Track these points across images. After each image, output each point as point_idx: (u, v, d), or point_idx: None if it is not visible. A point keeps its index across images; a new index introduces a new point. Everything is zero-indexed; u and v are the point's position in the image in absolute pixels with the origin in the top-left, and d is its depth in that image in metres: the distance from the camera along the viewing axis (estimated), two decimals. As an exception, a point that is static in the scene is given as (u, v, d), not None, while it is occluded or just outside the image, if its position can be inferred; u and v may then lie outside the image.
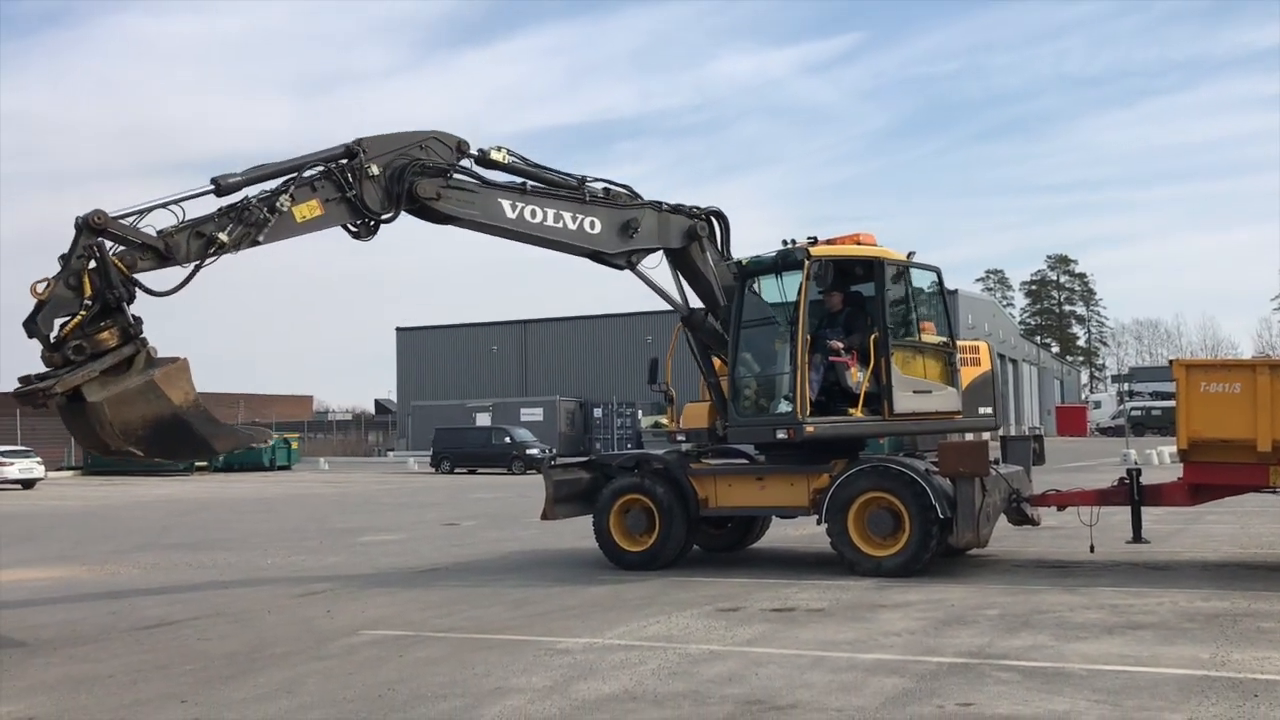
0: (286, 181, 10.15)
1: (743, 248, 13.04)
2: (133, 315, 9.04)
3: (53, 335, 8.79)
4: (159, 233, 9.35)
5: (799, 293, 11.64)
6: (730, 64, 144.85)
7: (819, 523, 11.69)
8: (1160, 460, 32.74)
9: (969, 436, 13.37)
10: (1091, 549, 12.03)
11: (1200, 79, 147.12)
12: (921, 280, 12.63)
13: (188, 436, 8.89)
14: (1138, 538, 11.85)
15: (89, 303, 8.85)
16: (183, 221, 9.56)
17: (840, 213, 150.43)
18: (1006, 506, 11.99)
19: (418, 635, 9.00)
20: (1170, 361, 11.94)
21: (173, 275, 9.51)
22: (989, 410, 13.10)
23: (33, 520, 24.04)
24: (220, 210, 9.80)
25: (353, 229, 10.69)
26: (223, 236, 9.66)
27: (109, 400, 8.65)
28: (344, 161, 10.49)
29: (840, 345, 11.85)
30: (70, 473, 50.07)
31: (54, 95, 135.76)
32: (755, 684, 6.95)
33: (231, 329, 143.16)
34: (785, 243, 12.25)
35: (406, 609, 10.42)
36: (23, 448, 42.18)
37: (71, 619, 10.44)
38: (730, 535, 14.03)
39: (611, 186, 12.14)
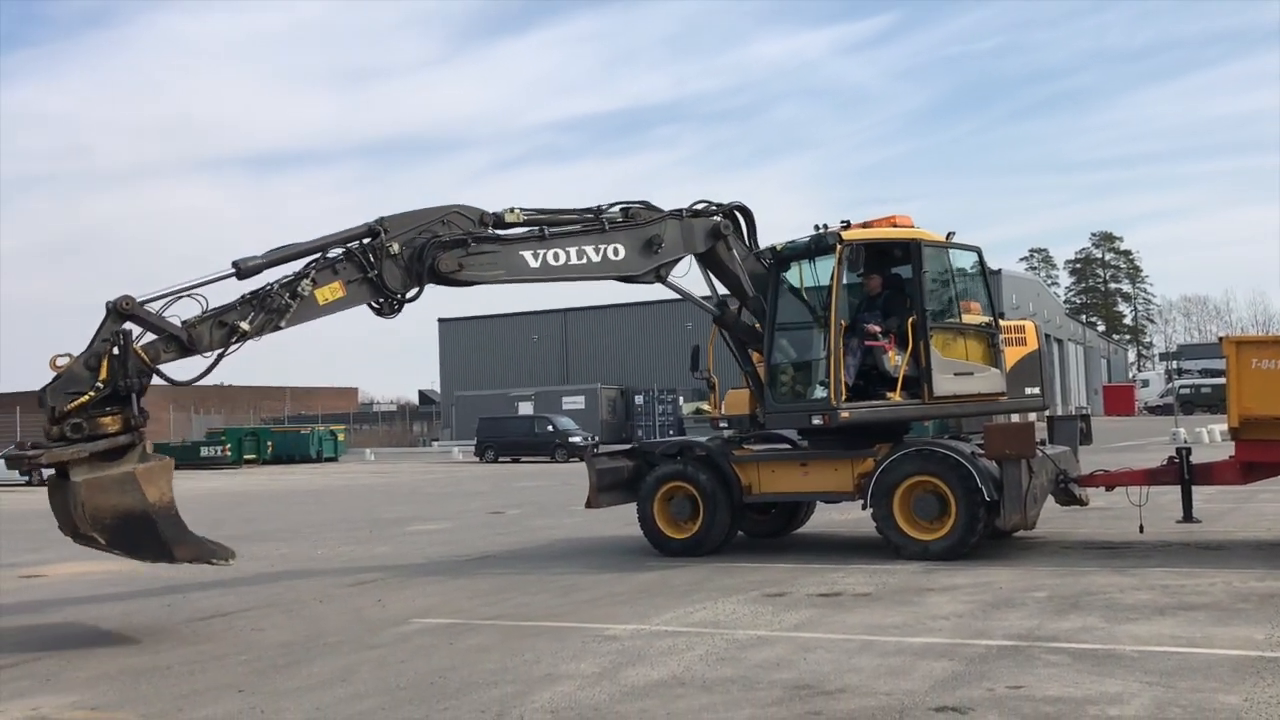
0: (308, 265, 10.19)
1: (782, 233, 13.04)
2: (140, 408, 9.17)
3: (62, 423, 8.89)
4: (183, 323, 9.46)
5: (832, 277, 11.59)
6: (766, 47, 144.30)
7: (864, 508, 11.67)
8: (1211, 438, 32.26)
9: (1016, 418, 13.26)
10: (1141, 529, 11.91)
11: (1246, 50, 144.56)
12: (962, 261, 12.52)
13: (152, 537, 8.80)
14: (1188, 517, 11.72)
15: (100, 385, 8.97)
16: (206, 311, 9.64)
17: (880, 195, 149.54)
18: (1054, 487, 11.89)
19: (467, 623, 9.11)
20: (1220, 338, 11.78)
21: (194, 361, 9.68)
22: (1036, 390, 12.95)
23: (88, 515, 24.44)
24: (242, 298, 9.86)
25: (375, 306, 10.68)
26: (245, 325, 9.72)
27: (88, 483, 8.72)
28: (365, 241, 10.51)
29: (878, 329, 11.79)
30: (122, 468, 50.86)
31: (96, 95, 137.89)
32: (803, 669, 6.97)
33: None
34: (817, 227, 12.19)
35: (455, 597, 10.54)
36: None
37: (129, 611, 10.66)
38: (775, 521, 14.03)
39: (630, 206, 12.08)
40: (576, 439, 43.02)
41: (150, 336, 9.36)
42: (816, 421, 11.68)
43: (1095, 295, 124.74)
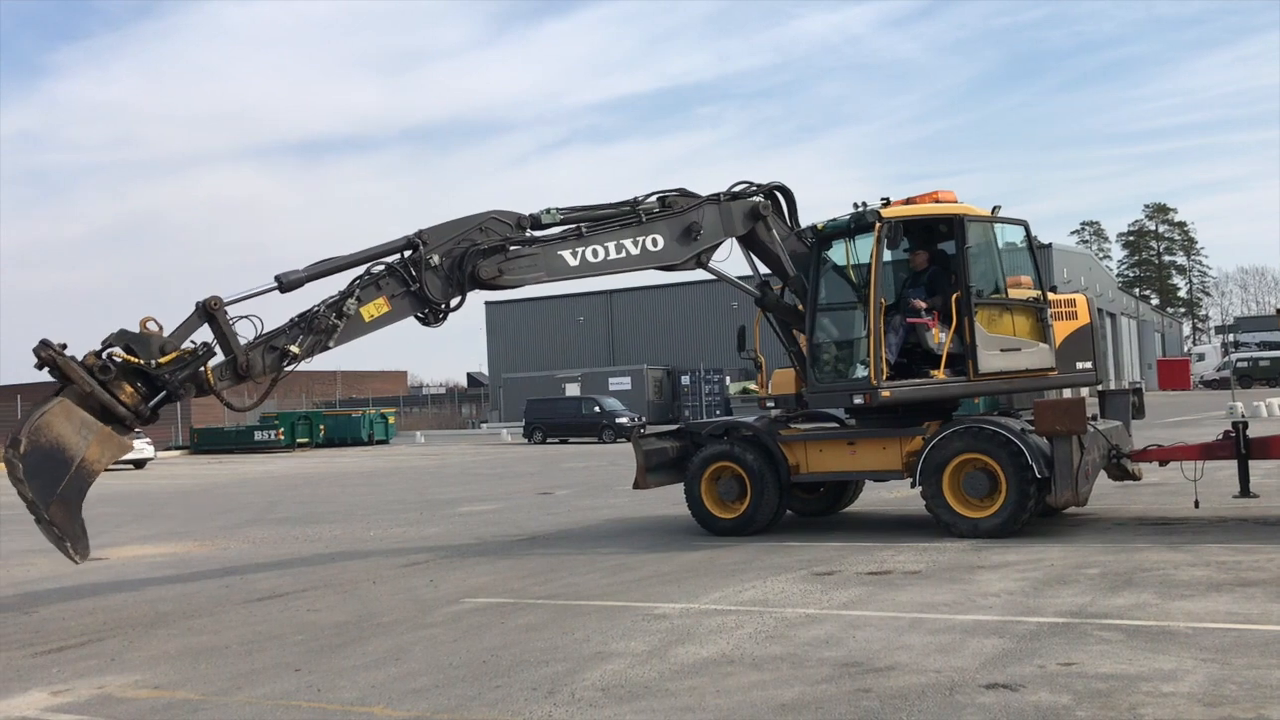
0: (352, 283, 10.41)
1: (828, 210, 13.02)
2: (157, 407, 9.52)
3: (104, 351, 9.25)
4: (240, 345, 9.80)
5: (871, 256, 11.50)
6: (808, 23, 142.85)
7: (913, 486, 11.61)
8: (1269, 412, 31.68)
9: (1068, 393, 13.09)
10: (1196, 505, 11.75)
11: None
12: (1009, 235, 12.34)
13: (53, 481, 8.84)
14: (1245, 492, 11.52)
15: (155, 366, 9.33)
16: (257, 337, 9.93)
17: (927, 170, 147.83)
18: (1106, 463, 11.74)
19: (518, 602, 9.20)
20: (1277, 310, 11.55)
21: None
22: (1088, 365, 12.75)
23: (145, 499, 25.02)
24: (291, 321, 10.15)
25: (420, 317, 10.86)
26: (294, 349, 10.05)
27: (63, 405, 8.98)
28: (406, 254, 10.68)
29: (923, 305, 11.69)
30: (178, 452, 51.96)
31: (147, 85, 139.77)
32: (853, 646, 6.97)
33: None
34: (856, 205, 12.10)
35: (506, 577, 10.65)
36: (134, 429, 43.79)
37: (187, 593, 10.89)
38: (823, 500, 14.00)
39: (666, 196, 12.09)
40: (623, 420, 43.19)
41: (217, 359, 9.75)
42: (858, 401, 11.63)
43: (1149, 268, 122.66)
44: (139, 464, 40.97)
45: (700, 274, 12.79)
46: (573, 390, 55.60)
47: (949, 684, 5.99)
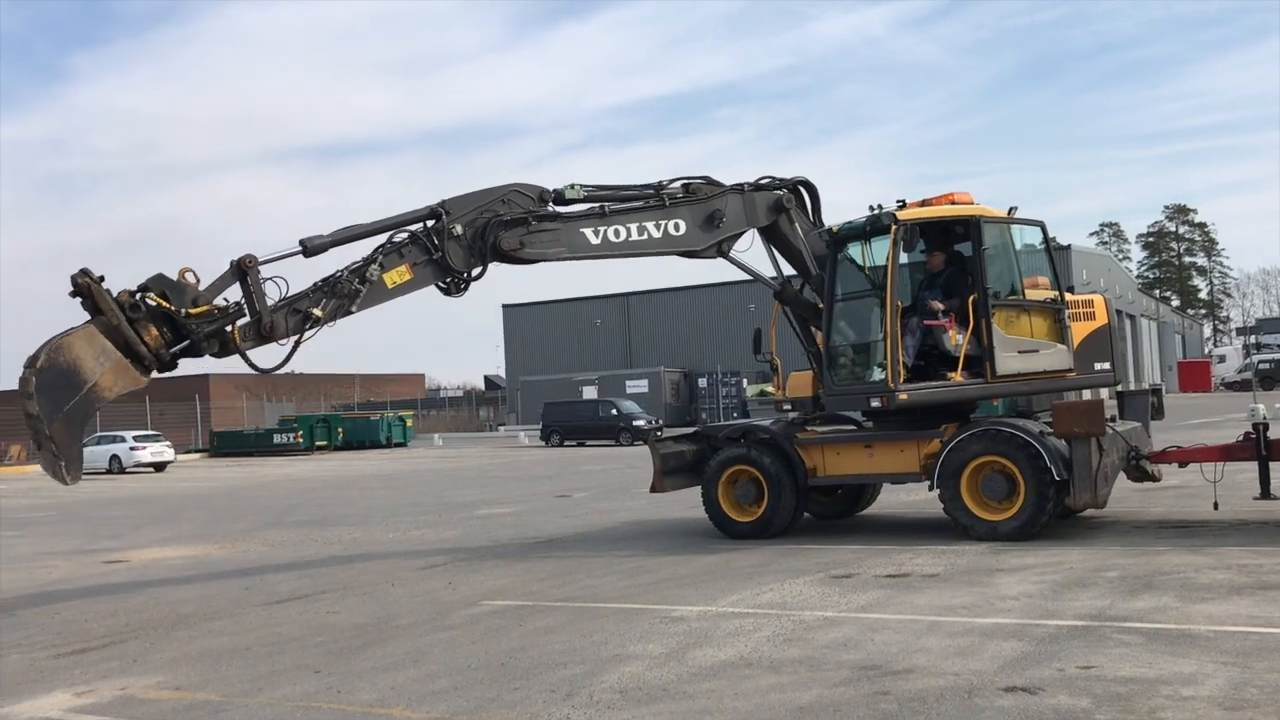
0: (375, 250, 10.53)
1: (847, 212, 12.98)
2: (177, 355, 9.75)
3: (139, 293, 9.56)
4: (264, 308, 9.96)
5: (887, 258, 11.48)
6: (826, 24, 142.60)
7: (931, 488, 11.57)
8: (1290, 414, 31.46)
9: (1087, 394, 13.02)
10: (1216, 507, 11.68)
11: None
12: (1026, 236, 12.29)
13: (61, 400, 9.08)
14: (1266, 494, 11.44)
15: (184, 315, 9.56)
16: (280, 299, 10.07)
17: (947, 171, 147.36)
18: (1125, 464, 11.68)
19: (536, 605, 9.23)
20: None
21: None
22: (1106, 366, 12.67)
23: (166, 502, 25.18)
24: (314, 285, 10.29)
25: (441, 287, 10.97)
26: (317, 311, 10.19)
27: (89, 332, 9.29)
28: (429, 224, 10.78)
29: (940, 306, 11.66)
30: (198, 455, 52.21)
31: (166, 91, 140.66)
32: (871, 649, 6.97)
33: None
34: (872, 208, 12.09)
35: (524, 580, 10.67)
36: (153, 432, 44.14)
37: (208, 595, 10.96)
38: (841, 503, 13.98)
39: (690, 182, 12.13)
40: (640, 422, 43.17)
41: (244, 320, 9.93)
42: (875, 404, 11.61)
43: (1169, 269, 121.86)
44: (159, 467, 41.23)
45: (718, 274, 12.92)
46: (590, 393, 55.58)
47: (967, 687, 5.98)
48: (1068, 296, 12.35)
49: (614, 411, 45.19)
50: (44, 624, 9.82)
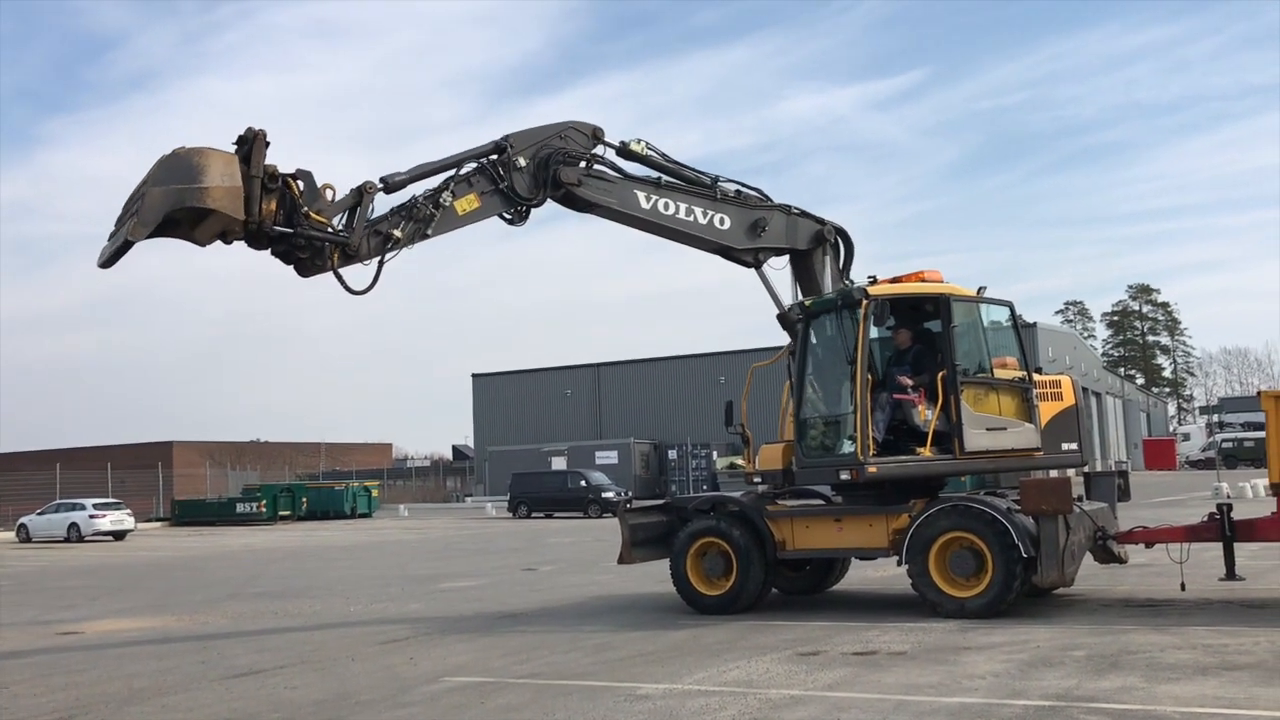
0: (446, 180, 11.48)
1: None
2: (275, 236, 10.59)
3: (264, 172, 10.45)
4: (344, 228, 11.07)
5: (858, 333, 11.58)
6: (796, 104, 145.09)
7: (899, 564, 11.54)
8: (1254, 493, 31.71)
9: (1054, 473, 13.09)
10: (1182, 587, 11.71)
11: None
12: (994, 315, 12.47)
13: (172, 180, 10.04)
14: (1231, 575, 11.49)
15: (304, 210, 10.59)
16: (365, 222, 11.06)
17: (916, 249, 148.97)
18: (1092, 544, 11.72)
19: (499, 682, 9.07)
20: (1259, 392, 11.61)
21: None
22: (1074, 446, 12.79)
23: (125, 571, 24.68)
24: (392, 210, 11.32)
25: (507, 216, 12.03)
26: (397, 233, 11.20)
27: (230, 159, 10.30)
28: (494, 157, 11.78)
29: (909, 382, 11.75)
30: (158, 524, 51.36)
31: (140, 159, 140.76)
32: (837, 729, 6.87)
33: (311, 380, 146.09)
34: (845, 283, 12.24)
35: (487, 655, 10.50)
36: (113, 500, 43.37)
37: (164, 668, 10.70)
38: (809, 577, 13.90)
39: (743, 189, 12.87)
40: (610, 494, 42.92)
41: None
42: (845, 477, 11.62)
43: (1133, 348, 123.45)
44: (119, 535, 40.47)
45: (688, 346, 13.26)
46: (559, 464, 55.35)
47: (935, 769, 5.90)
48: (1035, 377, 12.49)
49: (583, 483, 44.92)
50: (-9, 698, 9.54)
